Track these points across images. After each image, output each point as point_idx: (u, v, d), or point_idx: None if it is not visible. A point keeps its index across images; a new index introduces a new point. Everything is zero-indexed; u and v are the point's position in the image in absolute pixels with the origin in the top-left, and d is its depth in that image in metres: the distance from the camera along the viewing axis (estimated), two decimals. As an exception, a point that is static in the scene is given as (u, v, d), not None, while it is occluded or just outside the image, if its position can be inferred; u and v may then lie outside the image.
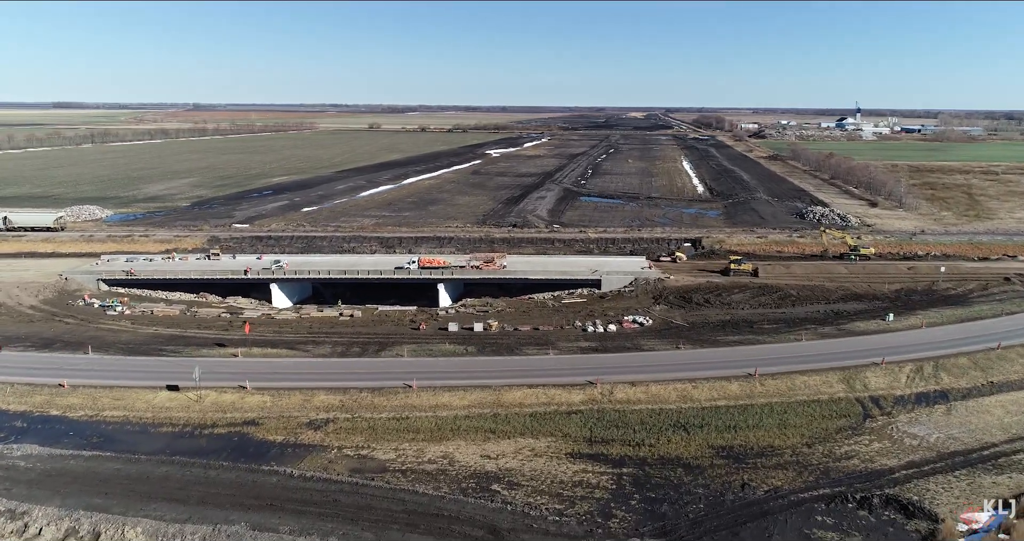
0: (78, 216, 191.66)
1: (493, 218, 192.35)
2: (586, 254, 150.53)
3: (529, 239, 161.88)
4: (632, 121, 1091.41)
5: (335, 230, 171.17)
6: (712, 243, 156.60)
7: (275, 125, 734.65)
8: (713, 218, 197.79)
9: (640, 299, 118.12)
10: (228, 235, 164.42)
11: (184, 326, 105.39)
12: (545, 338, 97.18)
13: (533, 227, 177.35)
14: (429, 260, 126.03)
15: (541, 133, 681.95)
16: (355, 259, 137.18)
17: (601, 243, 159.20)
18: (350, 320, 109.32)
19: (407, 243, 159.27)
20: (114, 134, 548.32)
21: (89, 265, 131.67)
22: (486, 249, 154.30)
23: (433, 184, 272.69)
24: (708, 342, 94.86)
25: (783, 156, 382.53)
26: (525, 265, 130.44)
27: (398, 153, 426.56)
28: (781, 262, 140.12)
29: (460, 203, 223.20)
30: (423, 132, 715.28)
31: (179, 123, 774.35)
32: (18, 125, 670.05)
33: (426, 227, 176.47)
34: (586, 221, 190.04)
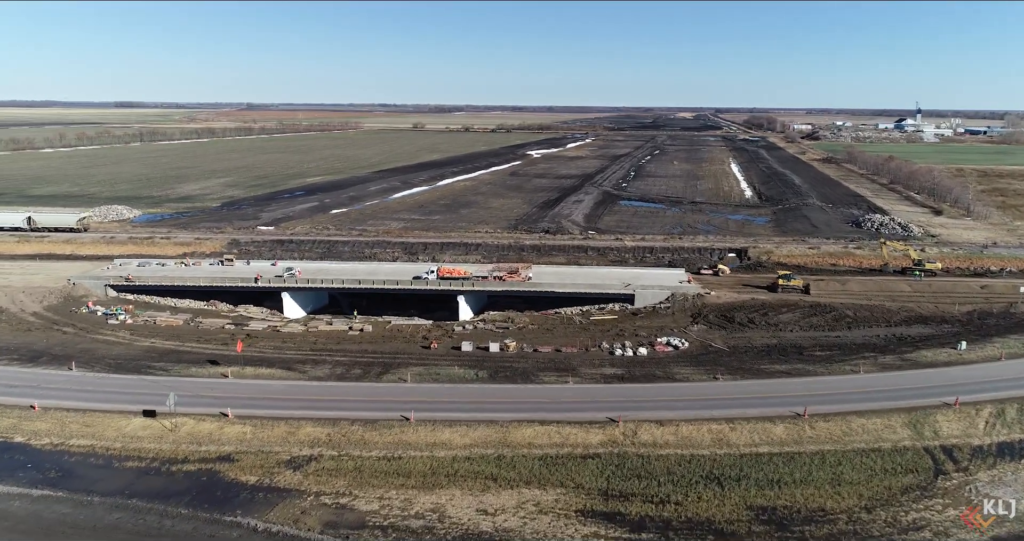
0: (105, 216, 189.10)
1: (525, 223, 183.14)
2: (620, 264, 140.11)
3: (561, 247, 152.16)
4: (680, 122, 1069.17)
5: (359, 234, 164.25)
6: (759, 254, 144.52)
7: (320, 125, 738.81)
8: (761, 225, 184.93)
9: (676, 317, 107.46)
10: (249, 238, 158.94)
11: (184, 338, 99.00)
12: (567, 362, 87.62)
13: (566, 233, 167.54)
14: (448, 270, 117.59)
15: (585, 134, 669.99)
16: (373, 267, 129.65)
17: (638, 252, 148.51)
18: (359, 335, 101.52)
19: (432, 249, 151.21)
20: (162, 133, 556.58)
21: (101, 269, 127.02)
22: (514, 257, 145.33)
23: (468, 186, 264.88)
24: (750, 371, 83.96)
25: (838, 159, 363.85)
26: (552, 277, 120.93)
27: (438, 153, 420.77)
28: (835, 277, 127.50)
29: (493, 206, 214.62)
30: (466, 132, 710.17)
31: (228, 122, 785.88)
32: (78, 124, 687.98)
33: (454, 232, 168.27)
34: (624, 227, 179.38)
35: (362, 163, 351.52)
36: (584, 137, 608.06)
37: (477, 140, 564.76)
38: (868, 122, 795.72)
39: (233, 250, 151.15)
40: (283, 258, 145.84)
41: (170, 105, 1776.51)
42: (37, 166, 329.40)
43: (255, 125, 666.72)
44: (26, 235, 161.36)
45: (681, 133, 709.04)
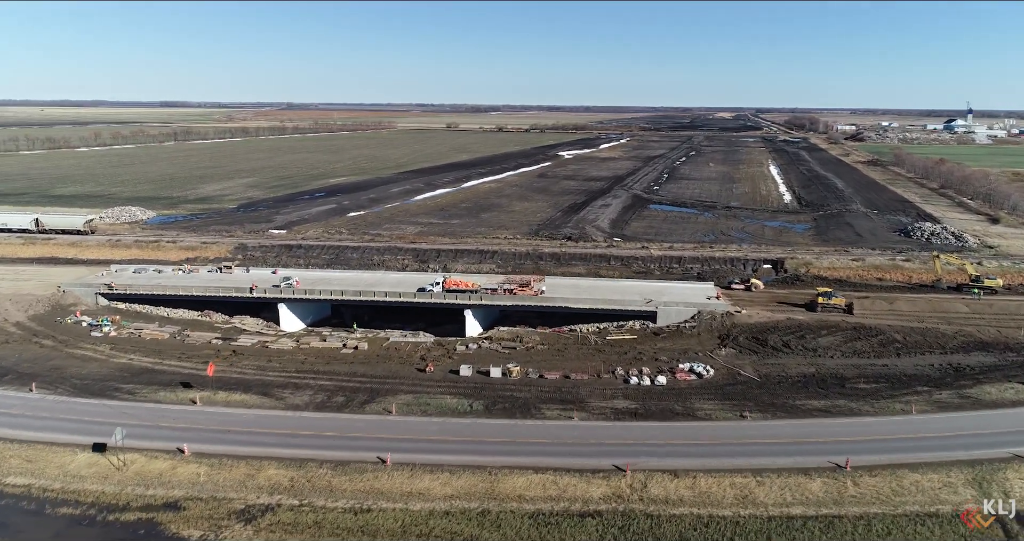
0: (118, 218, 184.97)
1: (548, 228, 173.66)
2: (644, 276, 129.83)
3: (582, 255, 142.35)
4: (719, 122, 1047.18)
5: (371, 240, 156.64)
6: (797, 266, 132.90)
7: (354, 124, 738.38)
8: (800, 233, 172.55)
9: (702, 339, 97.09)
10: (258, 243, 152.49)
11: (165, 354, 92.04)
12: (574, 392, 78.18)
13: (590, 241, 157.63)
14: (455, 282, 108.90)
15: (620, 134, 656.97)
16: (377, 277, 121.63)
17: (664, 263, 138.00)
18: (351, 354, 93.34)
19: (445, 256, 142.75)
20: (196, 132, 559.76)
21: (95, 275, 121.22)
22: (530, 267, 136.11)
23: (493, 188, 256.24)
24: (784, 408, 73.49)
25: (884, 161, 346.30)
26: (568, 290, 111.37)
27: (468, 154, 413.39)
28: (882, 294, 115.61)
29: (516, 210, 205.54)
30: (499, 132, 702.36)
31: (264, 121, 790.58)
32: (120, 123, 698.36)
33: (471, 238, 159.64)
34: (652, 234, 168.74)
35: (389, 163, 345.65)
36: (619, 137, 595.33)
37: (509, 140, 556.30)
38: (916, 123, 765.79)
39: (239, 255, 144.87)
40: (289, 264, 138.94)
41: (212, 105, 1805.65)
42: (68, 165, 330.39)
43: (289, 124, 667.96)
44: (33, 237, 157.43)
45: (719, 134, 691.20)
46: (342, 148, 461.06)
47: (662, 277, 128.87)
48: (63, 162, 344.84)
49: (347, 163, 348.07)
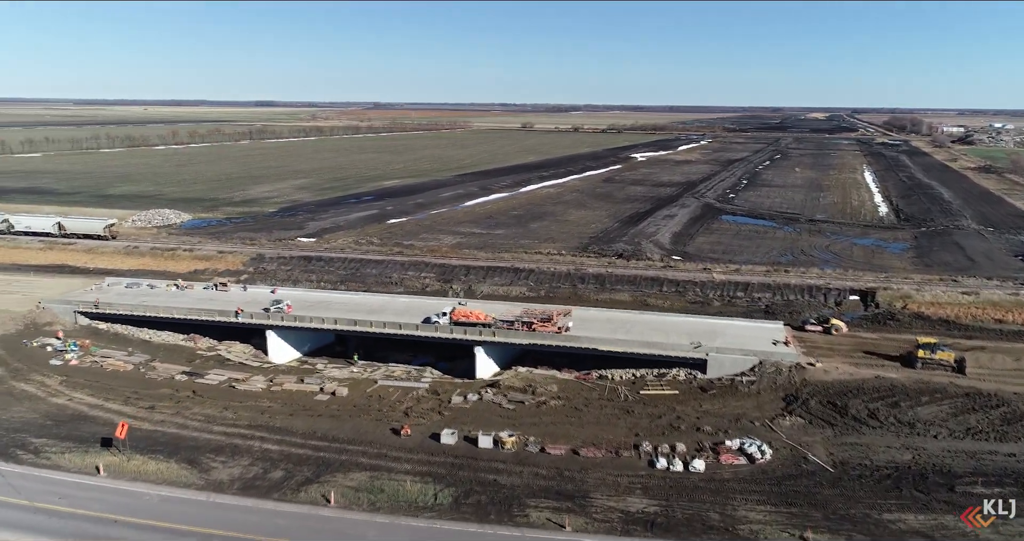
0: (150, 221, 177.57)
1: (599, 242, 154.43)
2: (700, 307, 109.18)
3: (630, 278, 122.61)
4: (811, 123, 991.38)
5: (398, 252, 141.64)
6: (891, 299, 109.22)
7: (428, 124, 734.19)
8: (896, 255, 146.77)
9: (762, 400, 76.51)
10: (276, 253, 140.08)
11: (114, 393, 79.16)
12: (580, 478, 59.80)
13: (644, 258, 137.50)
14: (465, 313, 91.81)
15: (702, 135, 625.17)
16: (383, 301, 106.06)
17: (727, 290, 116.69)
18: (325, 402, 77.79)
19: (474, 275, 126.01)
20: (272, 131, 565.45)
21: (82, 290, 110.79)
22: (566, 291, 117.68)
23: (552, 193, 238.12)
24: (864, 525, 52.80)
25: (999, 168, 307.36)
26: (601, 326, 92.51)
27: (535, 155, 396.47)
28: (1003, 343, 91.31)
29: (570, 219, 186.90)
30: (575, 132, 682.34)
31: (343, 120, 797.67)
32: (209, 121, 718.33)
33: (508, 253, 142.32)
34: (718, 252, 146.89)
35: (451, 165, 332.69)
36: (699, 139, 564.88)
37: (583, 141, 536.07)
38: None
39: (252, 267, 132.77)
40: (300, 280, 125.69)
41: (303, 104, 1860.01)
42: (136, 164, 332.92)
43: (364, 124, 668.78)
44: (54, 241, 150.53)
45: (810, 135, 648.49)
46: (410, 148, 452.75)
47: (721, 309, 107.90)
48: (133, 161, 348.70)
49: (408, 164, 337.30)
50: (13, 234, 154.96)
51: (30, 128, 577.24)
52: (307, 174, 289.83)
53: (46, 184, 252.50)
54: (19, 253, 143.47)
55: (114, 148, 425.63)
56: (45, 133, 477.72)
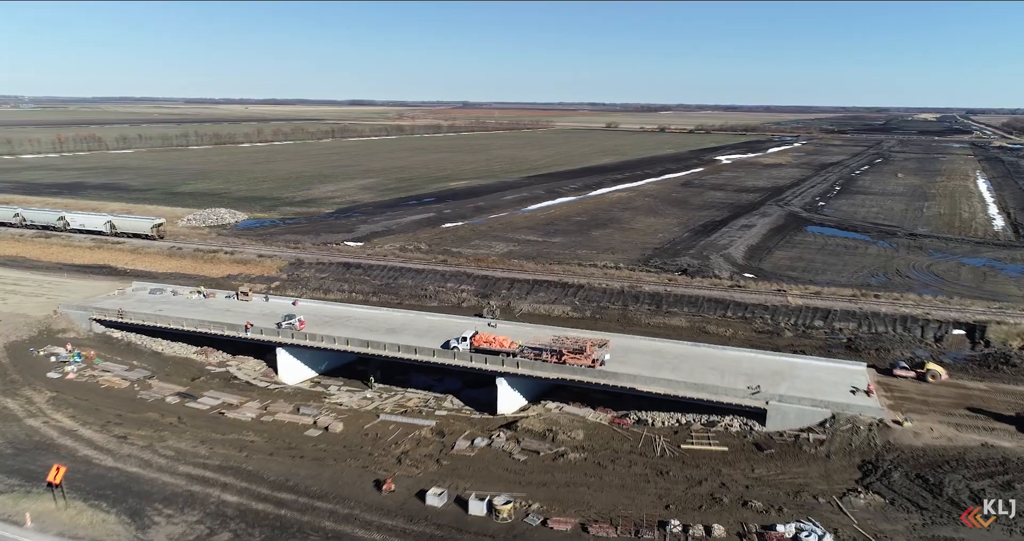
0: (204, 221, 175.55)
1: (663, 255, 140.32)
2: (769, 337, 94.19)
3: (691, 298, 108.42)
4: (919, 124, 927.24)
5: (442, 261, 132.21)
6: (1006, 336, 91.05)
7: (510, 123, 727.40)
8: (1014, 279, 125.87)
9: (831, 467, 62.00)
10: (315, 259, 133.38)
11: (97, 416, 72.81)
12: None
13: (710, 276, 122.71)
14: (488, 339, 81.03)
15: (796, 136, 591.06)
16: (407, 319, 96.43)
17: (803, 317, 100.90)
18: (314, 439, 68.71)
19: (518, 289, 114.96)
20: (353, 130, 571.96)
21: (105, 295, 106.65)
22: (616, 312, 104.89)
23: (622, 198, 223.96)
24: None
25: None
26: (644, 359, 79.67)
27: (614, 156, 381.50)
28: None
29: (637, 227, 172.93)
30: (660, 133, 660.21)
31: (428, 119, 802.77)
32: (300, 120, 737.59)
33: (559, 265, 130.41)
34: (798, 269, 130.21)
35: (524, 166, 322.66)
36: (793, 140, 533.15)
37: (667, 142, 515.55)
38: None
39: (287, 274, 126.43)
40: (331, 290, 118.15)
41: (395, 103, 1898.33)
42: (216, 161, 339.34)
43: (446, 123, 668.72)
44: (104, 240, 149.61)
45: (916, 138, 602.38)
46: (486, 148, 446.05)
47: (793, 342, 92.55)
48: (215, 158, 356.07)
49: (480, 165, 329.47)
50: (69, 232, 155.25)
51: (136, 126, 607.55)
52: (376, 174, 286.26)
53: (125, 180, 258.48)
54: (68, 252, 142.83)
55: (202, 145, 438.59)
56: (143, 131, 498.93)
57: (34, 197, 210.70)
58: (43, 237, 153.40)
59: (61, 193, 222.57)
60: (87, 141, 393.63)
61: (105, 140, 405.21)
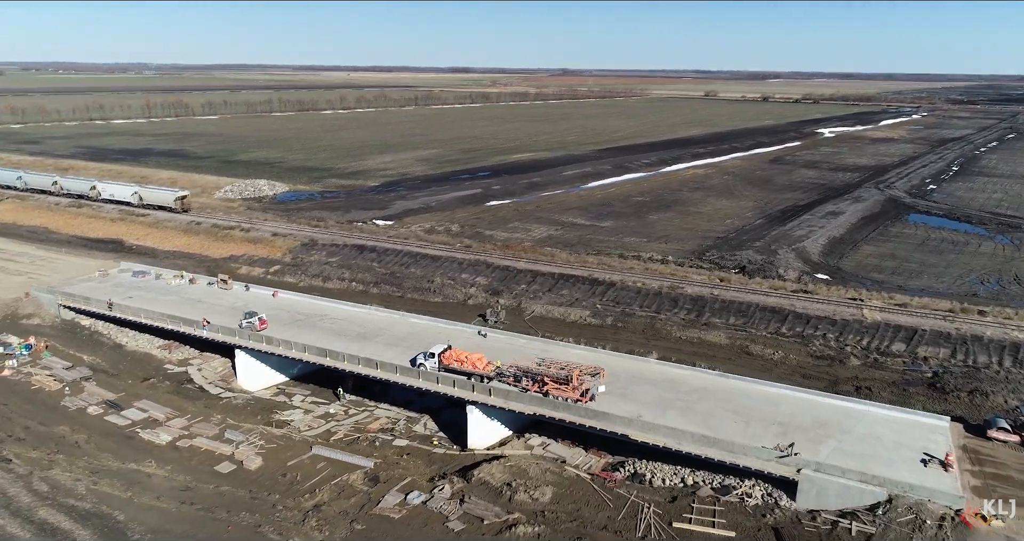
0: (241, 193, 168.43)
1: (724, 246, 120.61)
2: (828, 366, 74.68)
3: (741, 306, 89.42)
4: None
5: (466, 247, 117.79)
6: None
7: (601, 91, 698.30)
8: None
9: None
10: (329, 239, 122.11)
11: (4, 428, 63.46)
12: None
13: (773, 276, 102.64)
14: (459, 357, 66.21)
15: (916, 107, 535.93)
16: (388, 321, 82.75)
17: (879, 338, 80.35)
18: (225, 476, 56.74)
19: (539, 284, 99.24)
20: (437, 98, 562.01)
21: (86, 277, 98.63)
22: (642, 320, 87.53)
23: (697, 175, 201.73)
24: None
25: None
26: (651, 392, 62.97)
27: (703, 128, 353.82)
28: None
29: (703, 211, 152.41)
30: (762, 102, 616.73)
31: (522, 87, 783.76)
32: (396, 87, 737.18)
33: (597, 255, 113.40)
34: (886, 271, 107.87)
35: (601, 137, 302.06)
36: (912, 112, 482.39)
37: (768, 112, 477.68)
38: None
39: (291, 256, 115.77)
40: (334, 277, 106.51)
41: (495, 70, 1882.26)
42: (290, 128, 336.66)
43: (534, 91, 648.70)
44: (129, 211, 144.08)
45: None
46: (569, 117, 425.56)
47: (858, 374, 72.76)
48: (289, 125, 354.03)
49: (555, 135, 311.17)
50: (100, 201, 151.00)
51: (235, 92, 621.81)
52: (441, 144, 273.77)
53: (192, 148, 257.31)
54: (89, 223, 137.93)
55: (285, 112, 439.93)
56: (229, 97, 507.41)
57: (95, 163, 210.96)
58: (75, 206, 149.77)
59: (124, 160, 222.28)
60: (174, 107, 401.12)
61: (192, 106, 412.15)
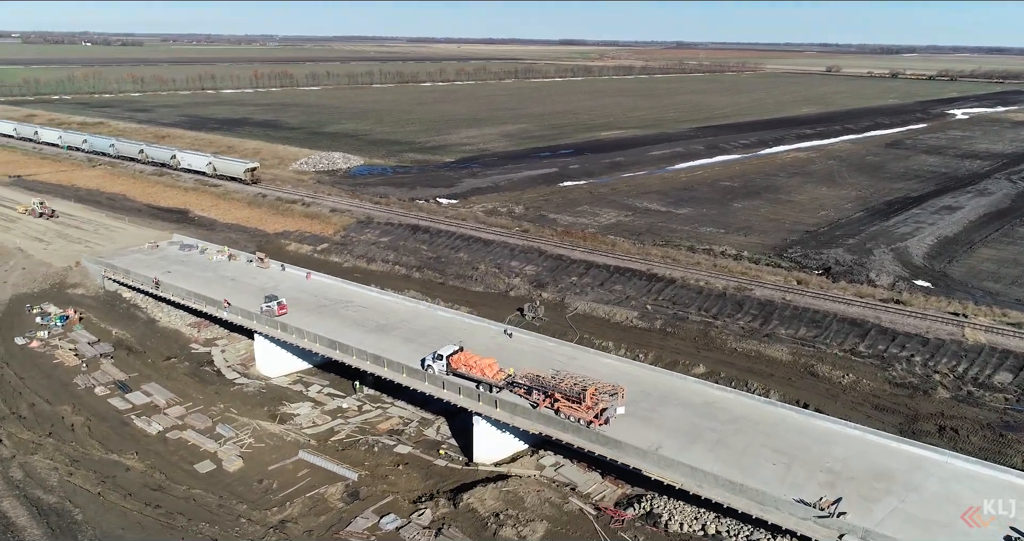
0: (315, 165, 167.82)
1: (812, 242, 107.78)
2: (909, 397, 62.96)
3: (815, 315, 77.92)
4: None
5: (523, 231, 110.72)
6: None
7: (711, 65, 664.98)
8: None
9: None
10: (386, 217, 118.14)
11: (10, 404, 62.91)
12: None
13: (862, 280, 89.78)
14: (466, 362, 59.65)
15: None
16: (411, 311, 77.09)
17: (979, 364, 67.37)
18: (200, 477, 53.20)
19: (591, 277, 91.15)
20: (536, 70, 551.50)
21: (137, 247, 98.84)
22: (692, 328, 77.89)
23: (798, 159, 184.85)
24: None
25: None
26: (681, 416, 54.45)
27: (816, 106, 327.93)
28: None
29: (796, 200, 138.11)
30: (891, 79, 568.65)
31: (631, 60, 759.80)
32: (501, 59, 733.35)
33: (663, 248, 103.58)
34: (1005, 280, 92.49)
35: (701, 115, 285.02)
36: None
37: (894, 90, 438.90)
38: None
39: (341, 235, 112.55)
40: (378, 258, 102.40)
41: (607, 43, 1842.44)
42: (384, 100, 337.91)
43: (639, 64, 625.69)
44: (203, 181, 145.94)
45: None
46: (672, 92, 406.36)
47: (943, 411, 60.74)
48: (386, 97, 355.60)
49: (651, 112, 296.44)
50: (179, 170, 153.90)
51: (345, 63, 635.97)
52: (531, 119, 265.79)
53: (286, 118, 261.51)
54: (164, 192, 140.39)
55: (384, 84, 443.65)
56: (333, 68, 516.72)
57: (192, 132, 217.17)
58: (157, 174, 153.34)
59: (219, 129, 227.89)
60: (280, 78, 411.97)
61: (296, 77, 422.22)
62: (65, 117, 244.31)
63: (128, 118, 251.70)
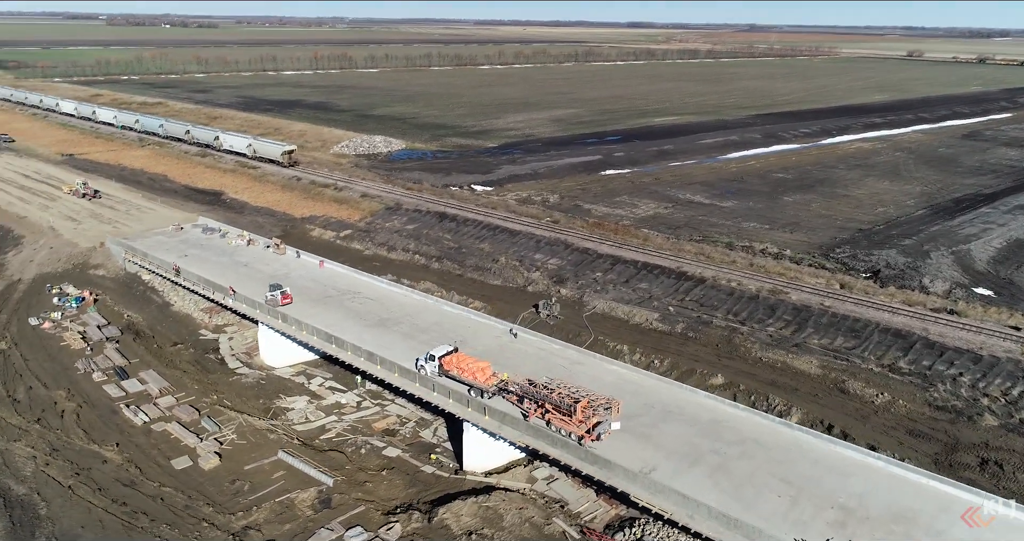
0: (356, 149, 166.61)
1: (863, 242, 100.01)
2: (950, 421, 56.37)
3: (852, 323, 71.34)
4: None
5: (552, 222, 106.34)
6: None
7: (783, 49, 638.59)
8: None
9: None
10: (415, 204, 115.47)
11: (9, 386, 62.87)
12: None
13: (913, 286, 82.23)
14: (458, 365, 56.21)
15: None
16: (418, 305, 74.04)
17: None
18: (174, 473, 51.45)
19: (614, 275, 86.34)
20: (597, 53, 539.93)
21: (160, 229, 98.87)
22: (716, 333, 72.30)
23: (861, 150, 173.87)
24: None
25: None
26: (682, 435, 49.84)
27: (889, 93, 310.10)
28: None
29: (853, 194, 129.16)
30: (977, 65, 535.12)
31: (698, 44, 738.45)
32: (567, 42, 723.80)
33: (699, 243, 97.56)
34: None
35: (763, 101, 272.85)
36: None
37: (979, 77, 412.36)
38: None
39: (367, 222, 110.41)
40: (398, 247, 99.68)
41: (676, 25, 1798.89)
42: (441, 83, 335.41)
43: (705, 48, 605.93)
44: (243, 162, 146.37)
45: None
46: (736, 77, 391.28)
47: (988, 439, 54.05)
48: (442, 80, 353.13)
49: (710, 98, 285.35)
50: (222, 152, 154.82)
51: (408, 46, 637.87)
52: (582, 104, 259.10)
53: (339, 100, 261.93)
54: (203, 173, 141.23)
55: (443, 66, 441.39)
56: (392, 51, 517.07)
57: (244, 113, 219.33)
58: (200, 155, 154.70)
59: (271, 110, 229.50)
60: (339, 60, 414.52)
61: (355, 59, 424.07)
62: (128, 97, 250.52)
63: (187, 98, 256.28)
